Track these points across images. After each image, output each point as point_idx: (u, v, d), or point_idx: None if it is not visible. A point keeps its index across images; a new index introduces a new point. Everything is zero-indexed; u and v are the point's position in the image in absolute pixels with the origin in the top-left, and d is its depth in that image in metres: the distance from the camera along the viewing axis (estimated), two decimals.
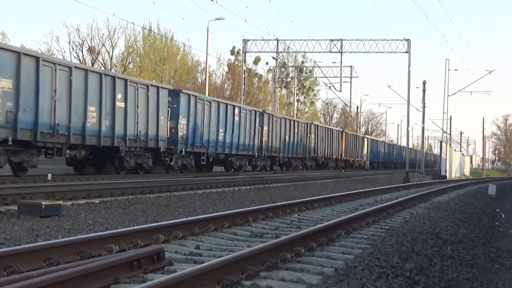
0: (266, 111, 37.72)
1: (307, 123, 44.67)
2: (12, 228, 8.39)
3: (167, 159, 25.52)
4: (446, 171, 54.10)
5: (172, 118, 25.54)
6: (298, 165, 42.99)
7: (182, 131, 26.15)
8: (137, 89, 23.22)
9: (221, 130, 29.97)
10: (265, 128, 35.52)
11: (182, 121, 26.19)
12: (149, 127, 23.80)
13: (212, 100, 30.12)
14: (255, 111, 35.05)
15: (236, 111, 31.99)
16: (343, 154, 52.85)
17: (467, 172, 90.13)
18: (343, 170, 49.91)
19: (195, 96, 27.86)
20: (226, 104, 31.56)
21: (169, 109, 25.29)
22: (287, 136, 39.29)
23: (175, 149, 25.61)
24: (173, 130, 25.51)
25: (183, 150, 26.29)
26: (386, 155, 73.79)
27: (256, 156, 34.72)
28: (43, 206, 9.77)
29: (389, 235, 8.00)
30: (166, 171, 26.11)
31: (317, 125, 47.18)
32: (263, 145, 35.17)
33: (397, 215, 12.09)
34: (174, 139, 25.53)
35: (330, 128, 51.14)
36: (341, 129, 55.74)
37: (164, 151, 24.85)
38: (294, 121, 41.81)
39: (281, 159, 38.81)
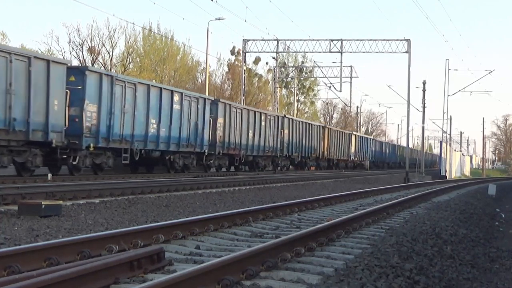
0: (221, 100, 31.76)
1: (278, 116, 38.55)
2: (12, 228, 8.39)
3: (64, 156, 19.90)
4: (446, 171, 54.11)
5: (74, 104, 20.09)
6: (268, 165, 36.79)
7: (89, 120, 20.64)
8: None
9: (152, 121, 24.10)
10: (220, 120, 29.63)
11: (90, 108, 20.65)
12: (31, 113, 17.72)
13: (138, 82, 24.12)
14: (206, 99, 28.49)
15: (176, 98, 25.73)
16: (325, 152, 47.66)
17: (467, 172, 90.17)
18: (343, 170, 49.59)
19: (111, 77, 22.09)
20: (161, 88, 25.17)
21: (67, 91, 19.61)
22: (250, 131, 32.91)
23: (79, 143, 20.22)
24: (76, 120, 20.13)
25: (92, 145, 20.72)
26: (377, 154, 68.91)
27: (207, 154, 28.47)
28: (43, 206, 9.77)
29: (389, 235, 8.01)
30: (70, 173, 20.71)
31: (292, 119, 41.47)
32: (218, 140, 29.27)
33: (397, 215, 12.09)
34: (77, 130, 20.09)
35: (308, 123, 45.15)
36: (323, 124, 51.08)
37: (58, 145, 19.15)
38: (260, 113, 35.55)
39: (242, 158, 32.35)
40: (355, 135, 58.58)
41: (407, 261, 6.10)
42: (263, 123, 34.80)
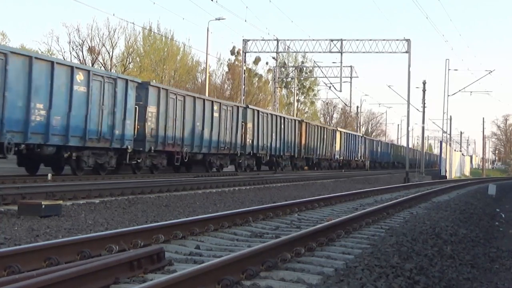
0: (152, 83, 25.99)
1: (238, 107, 32.56)
2: (12, 228, 8.39)
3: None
4: (446, 171, 54.12)
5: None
6: (225, 164, 32.02)
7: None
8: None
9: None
10: (151, 109, 23.97)
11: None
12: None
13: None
14: (128, 80, 22.64)
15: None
16: (302, 150, 41.91)
17: (467, 172, 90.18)
18: (343, 170, 49.28)
19: (166, 90, 25.44)
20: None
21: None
22: (198, 123, 27.57)
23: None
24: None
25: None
26: (368, 153, 63.29)
27: (128, 149, 22.44)
28: (43, 206, 9.77)
29: (389, 235, 8.00)
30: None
31: (257, 111, 35.15)
32: (148, 134, 23.82)
33: (397, 215, 12.09)
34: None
35: (279, 116, 39.02)
36: (300, 119, 44.07)
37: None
38: (212, 101, 29.80)
39: (186, 156, 26.57)
40: (341, 132, 53.56)
41: (407, 261, 6.10)
42: (217, 115, 29.49)
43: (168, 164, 26.59)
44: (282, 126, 38.13)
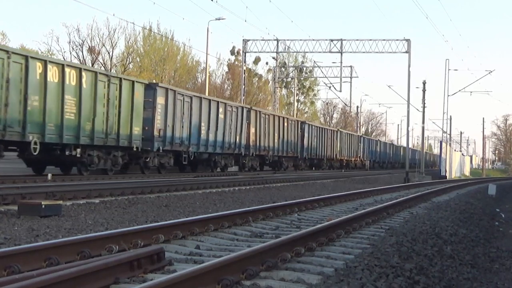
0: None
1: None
2: (12, 228, 8.38)
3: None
4: (446, 171, 54.10)
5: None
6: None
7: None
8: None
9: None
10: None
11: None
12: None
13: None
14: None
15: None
16: (251, 145, 33.69)
17: (467, 172, 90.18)
18: (343, 170, 49.19)
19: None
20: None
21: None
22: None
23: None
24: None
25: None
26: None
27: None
28: (43, 206, 9.77)
29: (389, 235, 8.00)
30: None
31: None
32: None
33: (397, 215, 12.08)
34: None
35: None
36: (249, 106, 35.31)
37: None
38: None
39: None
40: (309, 124, 44.27)
41: (407, 261, 6.10)
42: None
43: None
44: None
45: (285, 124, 38.74)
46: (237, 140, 31.65)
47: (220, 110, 29.69)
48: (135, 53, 53.14)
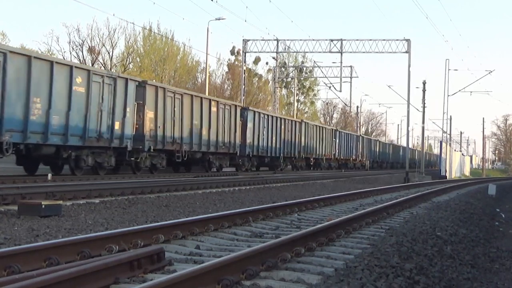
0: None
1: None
2: (12, 228, 8.38)
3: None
4: (446, 171, 54.10)
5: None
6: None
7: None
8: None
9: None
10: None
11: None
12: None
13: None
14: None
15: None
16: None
17: (467, 172, 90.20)
18: (343, 170, 49.08)
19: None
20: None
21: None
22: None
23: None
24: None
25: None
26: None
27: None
28: (43, 206, 9.77)
29: (389, 235, 8.00)
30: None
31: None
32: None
33: (397, 215, 12.08)
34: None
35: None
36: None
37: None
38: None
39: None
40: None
41: (407, 261, 6.10)
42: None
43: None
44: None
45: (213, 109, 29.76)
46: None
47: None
48: (135, 53, 53.17)
